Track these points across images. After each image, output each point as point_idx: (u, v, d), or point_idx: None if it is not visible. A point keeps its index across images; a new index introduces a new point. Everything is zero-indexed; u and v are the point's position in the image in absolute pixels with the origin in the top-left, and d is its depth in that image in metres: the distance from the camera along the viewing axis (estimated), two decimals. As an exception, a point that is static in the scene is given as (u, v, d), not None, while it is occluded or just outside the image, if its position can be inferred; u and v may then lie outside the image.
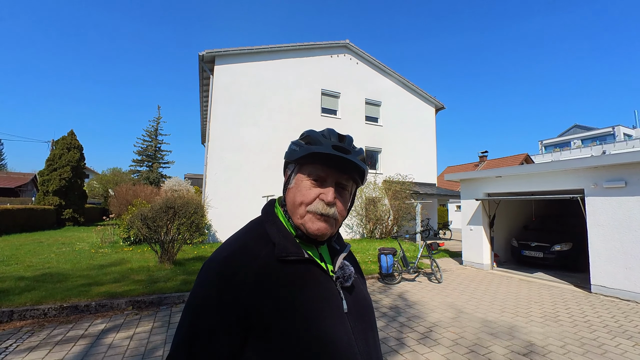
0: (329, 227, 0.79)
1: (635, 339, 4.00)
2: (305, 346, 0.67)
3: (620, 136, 33.65)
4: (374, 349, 0.81)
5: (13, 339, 3.69)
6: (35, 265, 6.70)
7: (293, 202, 0.81)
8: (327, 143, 0.78)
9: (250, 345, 0.67)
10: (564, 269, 8.17)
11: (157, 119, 35.50)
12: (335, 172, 0.80)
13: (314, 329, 0.69)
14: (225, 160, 12.17)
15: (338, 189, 0.81)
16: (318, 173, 0.79)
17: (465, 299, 5.64)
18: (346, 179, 0.82)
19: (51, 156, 17.50)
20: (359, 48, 15.55)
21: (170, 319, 4.40)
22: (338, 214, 0.81)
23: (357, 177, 0.84)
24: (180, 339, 0.69)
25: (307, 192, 0.79)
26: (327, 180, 0.80)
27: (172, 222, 6.61)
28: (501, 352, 3.60)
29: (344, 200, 0.83)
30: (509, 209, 9.84)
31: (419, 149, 16.91)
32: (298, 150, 0.81)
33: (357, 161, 0.79)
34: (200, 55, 12.06)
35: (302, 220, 0.79)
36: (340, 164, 0.79)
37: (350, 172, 0.81)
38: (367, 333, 0.80)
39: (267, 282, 0.71)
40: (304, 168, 0.81)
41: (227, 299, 0.68)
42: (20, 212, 13.91)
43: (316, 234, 0.78)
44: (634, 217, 5.73)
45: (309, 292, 0.74)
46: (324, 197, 0.78)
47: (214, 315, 0.68)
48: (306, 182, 0.80)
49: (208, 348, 0.66)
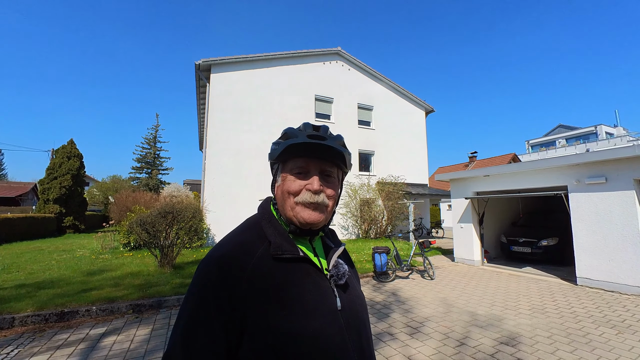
0: (320, 214, 0.80)
1: (618, 328, 4.13)
2: (299, 343, 0.68)
3: (602, 135, 34.58)
4: (366, 346, 0.82)
5: (14, 344, 3.70)
6: (36, 272, 6.74)
7: (281, 197, 0.83)
8: (302, 134, 0.80)
9: (245, 342, 0.68)
10: (551, 263, 8.37)
11: (155, 127, 35.55)
12: (317, 161, 0.81)
13: (308, 326, 0.70)
14: (223, 166, 12.32)
15: (324, 177, 0.82)
16: (300, 165, 0.81)
17: (456, 294, 5.79)
18: (329, 166, 0.83)
19: (51, 165, 17.56)
20: (350, 55, 15.87)
21: (170, 322, 4.45)
22: (328, 199, 0.82)
23: (340, 162, 0.83)
24: (177, 336, 0.70)
25: (292, 185, 0.80)
26: (310, 170, 0.81)
27: (170, 227, 6.68)
28: (490, 344, 3.70)
29: (333, 186, 0.84)
30: (498, 206, 10.05)
31: (410, 151, 17.21)
32: (277, 147, 0.82)
33: (335, 145, 0.80)
34: (197, 64, 12.25)
35: (292, 212, 0.80)
36: (319, 152, 0.80)
37: (330, 158, 0.82)
38: (360, 330, 0.81)
39: (262, 279, 0.72)
40: (286, 164, 0.83)
41: (223, 296, 0.69)
42: (20, 221, 13.90)
43: (308, 222, 0.79)
44: (615, 212, 5.95)
45: (303, 289, 0.75)
46: (309, 187, 0.79)
47: (210, 312, 0.68)
48: (290, 176, 0.81)
49: (204, 345, 0.67)
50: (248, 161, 12.73)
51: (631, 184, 5.79)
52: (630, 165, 5.82)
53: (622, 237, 5.83)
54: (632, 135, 31.57)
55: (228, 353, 0.68)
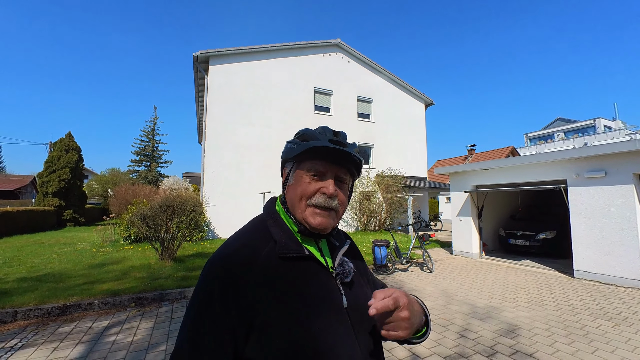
0: (330, 221, 0.81)
1: (615, 320, 4.18)
2: (306, 341, 0.69)
3: (600, 128, 34.64)
4: (374, 343, 0.82)
5: (18, 338, 3.73)
6: (38, 266, 6.75)
7: (294, 197, 0.82)
8: (323, 138, 0.81)
9: (252, 341, 0.68)
10: (549, 255, 8.46)
11: (153, 119, 35.45)
12: (334, 166, 0.82)
13: (315, 325, 0.71)
14: (222, 159, 12.28)
15: (337, 182, 0.83)
16: (317, 168, 0.81)
17: (455, 287, 5.85)
18: (344, 172, 0.84)
19: (49, 158, 17.46)
20: (350, 47, 15.68)
21: (172, 315, 4.47)
22: (339, 205, 0.83)
23: (354, 169, 0.86)
24: (184, 336, 0.70)
25: (308, 187, 0.80)
26: (327, 174, 0.81)
27: (171, 220, 6.69)
28: (489, 335, 3.74)
29: (345, 193, 0.85)
30: (497, 199, 10.09)
31: (409, 143, 17.18)
32: (295, 147, 0.82)
33: (354, 153, 0.82)
34: (195, 56, 12.10)
35: (304, 214, 0.80)
36: (338, 157, 0.81)
37: (347, 164, 0.83)
38: (367, 327, 0.81)
39: (268, 279, 0.72)
40: (302, 164, 0.83)
41: (229, 296, 0.69)
42: (20, 214, 13.88)
43: (318, 228, 0.80)
44: (614, 206, 5.99)
45: (309, 288, 0.75)
46: (325, 190, 0.80)
47: (216, 312, 0.69)
48: (306, 177, 0.81)
49: (211, 344, 0.68)
50: (247, 154, 12.69)
51: (630, 178, 5.81)
52: (630, 160, 5.84)
53: (620, 230, 5.88)
54: (630, 128, 31.57)
55: (235, 352, 0.68)
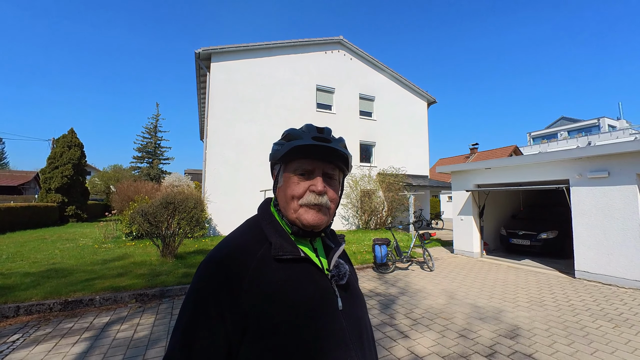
0: (323, 217, 0.81)
1: (615, 321, 4.15)
2: (301, 343, 0.68)
3: (604, 127, 34.31)
4: (368, 345, 0.82)
5: (20, 333, 3.76)
6: (40, 261, 6.80)
7: (285, 198, 0.82)
8: (307, 136, 0.81)
9: (246, 343, 0.68)
10: (550, 255, 8.43)
11: (155, 116, 35.57)
12: (320, 163, 0.81)
13: (309, 327, 0.70)
14: (224, 156, 12.31)
15: (326, 179, 0.82)
16: (304, 167, 0.81)
17: (456, 286, 5.84)
18: (332, 168, 0.84)
19: (52, 154, 17.61)
20: (352, 44, 15.62)
21: (173, 311, 4.49)
22: (330, 202, 0.82)
23: (342, 164, 0.85)
24: (177, 338, 0.70)
25: (297, 187, 0.80)
26: (314, 172, 0.81)
27: (172, 217, 6.71)
28: (489, 335, 3.72)
29: (334, 189, 0.85)
30: (498, 199, 10.06)
31: (411, 142, 17.14)
32: (280, 148, 0.82)
33: (339, 148, 0.82)
34: (197, 53, 12.10)
35: (296, 214, 0.80)
36: (323, 154, 0.80)
37: (334, 160, 0.83)
38: (362, 330, 0.82)
39: (263, 280, 0.72)
40: (289, 165, 0.82)
41: (224, 297, 0.69)
42: (23, 210, 14.01)
43: (312, 225, 0.80)
44: (616, 206, 5.94)
45: (304, 290, 0.75)
46: (313, 188, 0.79)
47: (211, 312, 0.68)
48: (294, 177, 0.81)
49: (205, 347, 0.67)
50: (249, 151, 12.71)
51: (634, 178, 5.77)
52: (633, 160, 5.79)
53: (622, 231, 5.84)
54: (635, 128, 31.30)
55: (229, 355, 0.68)
